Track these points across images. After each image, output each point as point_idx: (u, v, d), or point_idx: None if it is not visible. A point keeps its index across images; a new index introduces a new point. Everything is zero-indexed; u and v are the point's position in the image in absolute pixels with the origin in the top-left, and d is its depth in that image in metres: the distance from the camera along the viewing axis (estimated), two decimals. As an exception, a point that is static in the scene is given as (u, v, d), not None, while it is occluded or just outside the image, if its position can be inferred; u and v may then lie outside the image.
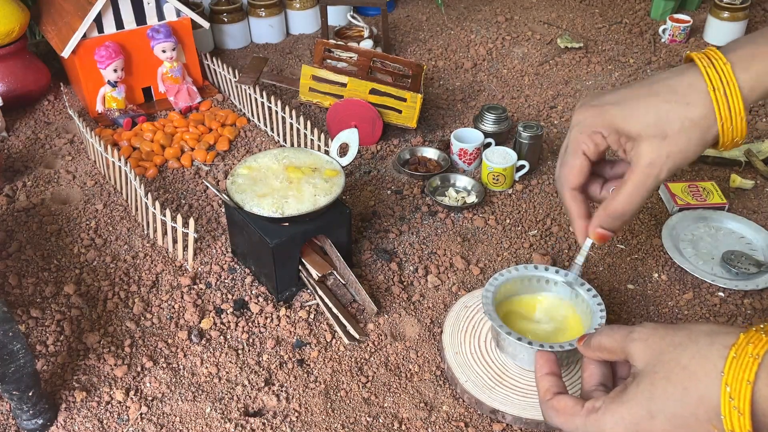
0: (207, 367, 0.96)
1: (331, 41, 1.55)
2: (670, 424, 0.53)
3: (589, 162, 0.73)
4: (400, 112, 1.42)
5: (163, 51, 1.51)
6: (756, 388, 0.49)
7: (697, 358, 0.53)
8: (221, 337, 1.01)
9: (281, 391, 0.93)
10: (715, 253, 1.15)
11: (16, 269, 1.12)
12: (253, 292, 1.08)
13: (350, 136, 1.13)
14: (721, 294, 1.08)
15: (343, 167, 1.08)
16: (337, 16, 1.99)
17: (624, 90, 0.70)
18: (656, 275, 1.12)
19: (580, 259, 0.84)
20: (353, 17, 1.84)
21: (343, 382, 0.94)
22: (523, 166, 1.32)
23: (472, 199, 1.27)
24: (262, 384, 0.94)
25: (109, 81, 1.48)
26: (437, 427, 0.88)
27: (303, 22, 1.98)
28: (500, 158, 1.29)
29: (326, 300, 1.03)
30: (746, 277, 1.09)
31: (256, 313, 1.04)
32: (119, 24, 1.48)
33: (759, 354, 0.50)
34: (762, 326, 0.53)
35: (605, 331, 0.63)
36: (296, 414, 0.90)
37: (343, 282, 1.06)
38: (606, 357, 0.63)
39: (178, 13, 1.55)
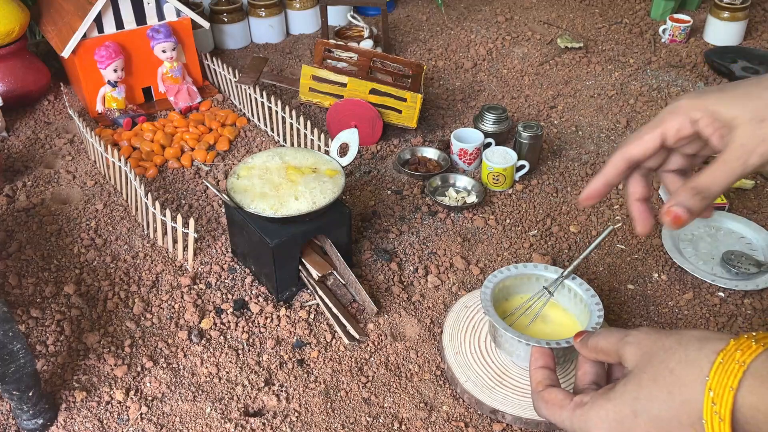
0: (207, 367, 0.96)
1: (331, 41, 1.55)
2: (653, 425, 0.54)
3: (659, 143, 0.66)
4: (400, 112, 1.42)
5: (163, 51, 1.51)
6: (739, 395, 0.49)
7: (684, 363, 0.53)
8: (221, 337, 1.01)
9: (281, 391, 0.93)
10: (715, 253, 1.15)
11: (16, 269, 1.12)
12: (253, 292, 1.08)
13: (350, 136, 1.13)
14: (721, 294, 1.08)
15: (343, 167, 1.08)
16: (337, 16, 1.99)
17: (727, 83, 0.65)
18: (656, 275, 1.12)
19: (567, 271, 0.89)
20: (353, 17, 1.84)
21: (343, 382, 0.94)
22: (523, 166, 1.32)
23: (472, 199, 1.27)
24: (262, 384, 0.94)
25: (109, 81, 1.48)
26: (437, 427, 0.88)
27: (303, 22, 1.98)
28: (500, 158, 1.29)
29: (326, 300, 1.03)
30: (746, 277, 1.09)
31: (256, 313, 1.04)
32: (119, 24, 1.48)
33: (745, 361, 0.50)
34: (754, 334, 0.53)
35: (602, 333, 0.63)
36: (296, 414, 0.90)
37: (343, 282, 1.06)
38: (601, 358, 0.63)
39: (178, 13, 1.55)
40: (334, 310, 1.01)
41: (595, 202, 0.69)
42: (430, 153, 1.40)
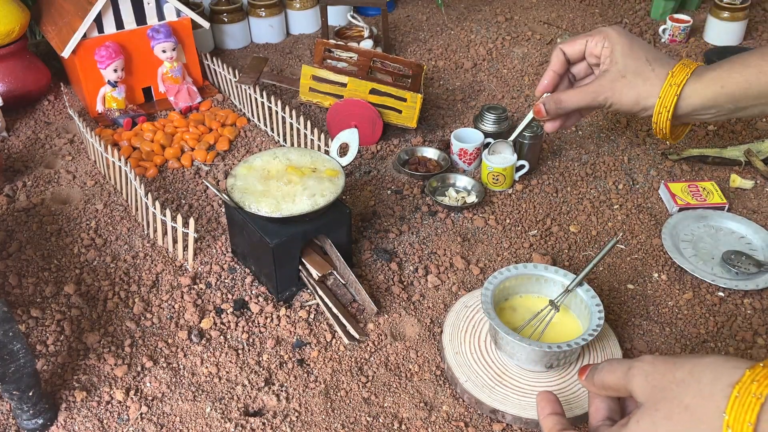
0: (207, 367, 0.96)
1: (331, 41, 1.55)
2: None
3: (584, 48, 0.94)
4: (400, 112, 1.42)
5: (163, 51, 1.51)
6: (759, 430, 0.48)
7: (699, 398, 0.52)
8: (221, 337, 1.01)
9: (281, 391, 0.93)
10: (715, 253, 1.15)
11: (16, 269, 1.12)
12: (253, 292, 1.08)
13: (350, 136, 1.13)
14: (721, 294, 1.08)
15: (343, 167, 1.08)
16: (337, 16, 1.99)
17: (652, 48, 0.95)
18: (656, 275, 1.12)
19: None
20: (353, 17, 1.84)
21: (343, 382, 0.94)
22: (523, 166, 1.32)
23: (472, 199, 1.27)
24: (262, 384, 0.94)
25: (109, 81, 1.48)
26: (437, 427, 0.88)
27: (303, 22, 1.98)
28: (500, 158, 1.29)
29: (326, 300, 1.03)
30: (746, 277, 1.09)
31: (256, 313, 1.04)
32: (119, 24, 1.48)
33: (762, 393, 0.49)
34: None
35: (606, 368, 0.62)
36: (296, 414, 0.90)
37: (343, 282, 1.06)
38: (611, 394, 0.62)
39: (178, 13, 1.55)
40: (334, 310, 1.02)
41: (549, 90, 0.97)
42: (430, 153, 1.40)
